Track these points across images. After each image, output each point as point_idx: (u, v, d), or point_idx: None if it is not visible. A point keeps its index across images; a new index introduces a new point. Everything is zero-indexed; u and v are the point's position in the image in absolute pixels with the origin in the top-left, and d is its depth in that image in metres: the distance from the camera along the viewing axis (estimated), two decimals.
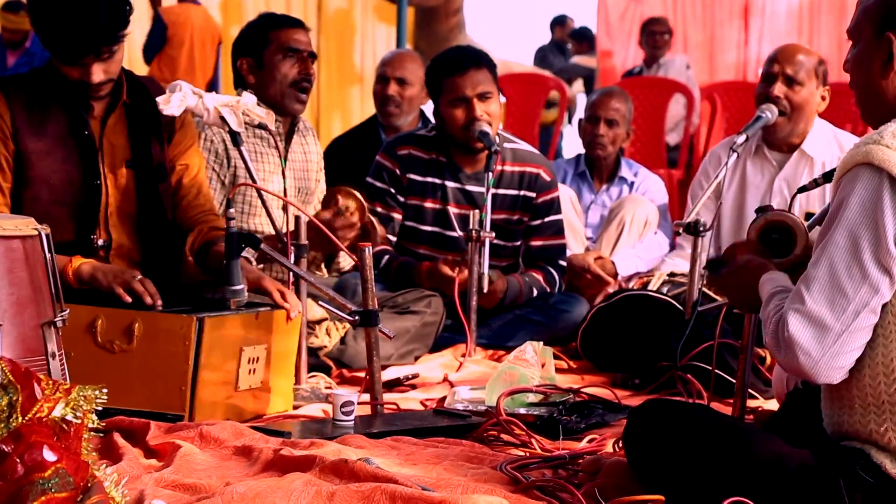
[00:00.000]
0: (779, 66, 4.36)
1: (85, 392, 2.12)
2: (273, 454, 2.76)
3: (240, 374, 3.25)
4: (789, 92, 4.37)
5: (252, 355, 3.27)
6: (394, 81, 5.31)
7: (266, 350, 3.32)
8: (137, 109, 3.53)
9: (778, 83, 4.35)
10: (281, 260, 3.40)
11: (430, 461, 2.83)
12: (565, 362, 4.27)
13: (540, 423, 3.23)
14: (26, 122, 3.38)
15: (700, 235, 3.91)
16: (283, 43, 4.18)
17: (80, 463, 1.99)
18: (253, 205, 4.14)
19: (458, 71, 4.45)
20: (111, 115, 3.49)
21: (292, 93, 4.18)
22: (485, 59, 4.53)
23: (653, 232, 5.11)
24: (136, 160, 3.52)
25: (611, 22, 10.93)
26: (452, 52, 4.65)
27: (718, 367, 3.47)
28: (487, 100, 4.45)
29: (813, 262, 2.31)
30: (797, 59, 4.37)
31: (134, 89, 3.54)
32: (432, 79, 4.57)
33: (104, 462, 2.44)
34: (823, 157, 4.46)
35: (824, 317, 2.27)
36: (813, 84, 4.39)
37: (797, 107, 4.39)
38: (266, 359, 3.33)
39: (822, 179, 3.23)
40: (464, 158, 4.57)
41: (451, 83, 4.45)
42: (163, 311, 3.21)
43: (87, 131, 3.44)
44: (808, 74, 4.37)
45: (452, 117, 4.46)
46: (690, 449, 2.45)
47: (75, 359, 2.95)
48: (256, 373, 3.30)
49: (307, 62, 4.20)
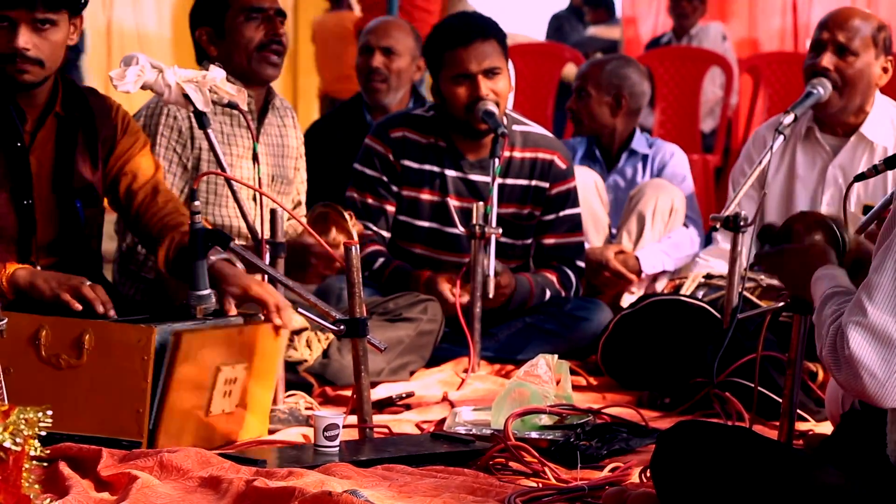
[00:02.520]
0: (829, 34, 4.36)
1: (26, 414, 2.12)
2: (245, 486, 2.75)
3: (213, 397, 3.24)
4: (841, 63, 4.36)
5: (230, 376, 3.26)
6: (379, 52, 5.32)
7: (246, 370, 3.31)
8: (70, 123, 3.53)
9: (828, 53, 4.35)
10: (254, 260, 3.40)
11: (427, 493, 2.83)
12: (584, 378, 4.28)
13: (555, 450, 3.23)
14: None
15: (741, 231, 3.91)
16: (245, 3, 4.17)
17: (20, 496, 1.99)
18: (220, 194, 4.13)
19: (462, 43, 4.44)
20: (41, 128, 3.49)
21: (261, 56, 4.16)
22: (493, 28, 4.52)
23: (681, 222, 5.12)
24: (58, 181, 3.51)
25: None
26: (456, 20, 4.66)
27: (762, 384, 3.48)
28: (495, 76, 4.44)
29: (875, 268, 2.30)
30: (851, 25, 4.36)
31: (71, 99, 3.53)
32: (432, 50, 4.56)
33: (48, 496, 2.44)
34: (886, 140, 4.45)
35: (891, 331, 2.27)
36: (871, 54, 4.38)
37: (850, 80, 4.38)
38: (245, 379, 3.32)
39: (882, 166, 3.22)
40: (466, 143, 4.57)
41: (454, 56, 4.44)
42: (118, 321, 3.21)
43: (20, 142, 3.44)
44: (865, 42, 4.37)
45: (454, 95, 4.45)
46: (730, 479, 2.45)
47: (15, 376, 2.95)
48: (232, 395, 3.29)
49: (275, 21, 4.19)
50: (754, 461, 2.47)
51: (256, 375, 3.36)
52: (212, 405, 3.25)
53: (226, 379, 3.25)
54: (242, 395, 3.33)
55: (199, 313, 3.26)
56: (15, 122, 3.44)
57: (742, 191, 4.09)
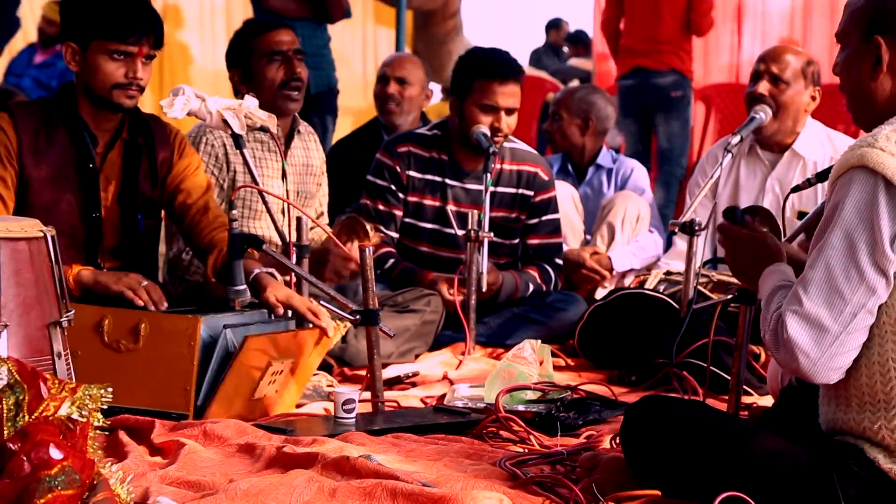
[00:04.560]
0: (765, 65, 4.37)
1: (91, 391, 2.12)
2: (276, 451, 2.75)
3: (260, 384, 3.24)
4: (775, 90, 4.37)
5: (277, 369, 3.26)
6: (394, 81, 5.31)
7: (291, 364, 3.31)
8: (135, 147, 3.53)
9: (763, 81, 4.36)
10: (283, 261, 3.40)
11: (430, 458, 2.83)
12: (563, 360, 4.27)
13: (538, 420, 3.22)
14: (31, 150, 3.37)
15: (695, 235, 3.91)
16: (265, 48, 4.17)
17: (86, 461, 1.99)
18: (254, 208, 4.13)
19: (501, 79, 4.39)
20: (111, 150, 3.49)
21: (283, 94, 4.17)
22: (522, 72, 4.50)
23: (647, 228, 5.13)
24: (124, 196, 3.51)
25: None
26: (497, 57, 4.50)
27: (713, 363, 3.47)
28: (512, 114, 4.45)
29: (810, 265, 2.30)
30: (784, 59, 4.37)
31: (136, 126, 3.53)
32: (465, 73, 4.48)
33: (110, 460, 2.45)
34: (815, 156, 4.45)
35: (822, 318, 2.27)
36: (800, 84, 4.38)
37: (783, 106, 4.38)
38: (288, 372, 3.32)
39: (815, 179, 3.22)
40: (466, 157, 4.56)
41: (488, 89, 4.40)
42: (169, 312, 3.21)
43: (92, 164, 3.44)
44: (795, 74, 4.37)
45: (477, 119, 4.42)
46: (686, 445, 2.45)
47: (82, 358, 2.95)
48: (275, 383, 3.29)
49: (293, 61, 4.17)
50: (707, 429, 2.47)
51: (298, 370, 3.36)
52: (257, 390, 3.24)
53: (273, 371, 3.25)
54: (283, 384, 3.33)
55: (237, 305, 3.25)
56: (88, 147, 3.44)
57: (696, 201, 4.09)
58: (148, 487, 2.46)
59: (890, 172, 2.22)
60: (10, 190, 3.36)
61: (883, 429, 2.30)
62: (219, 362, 3.14)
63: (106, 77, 3.38)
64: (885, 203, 2.22)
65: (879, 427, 2.30)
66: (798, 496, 2.34)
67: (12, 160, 3.36)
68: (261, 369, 3.20)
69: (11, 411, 2.04)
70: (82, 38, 3.39)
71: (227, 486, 2.45)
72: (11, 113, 3.40)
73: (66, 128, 3.42)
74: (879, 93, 2.38)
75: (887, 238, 2.23)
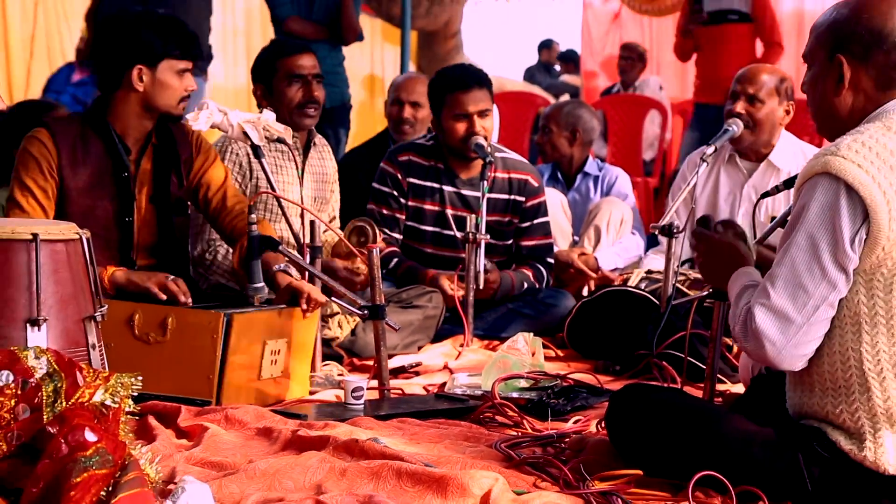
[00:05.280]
0: (741, 86, 4.36)
1: (122, 379, 2.13)
2: (291, 434, 2.76)
3: (263, 364, 3.25)
4: (751, 109, 4.36)
5: (274, 348, 3.27)
6: (409, 105, 5.30)
7: (287, 343, 3.32)
8: (163, 150, 3.54)
9: (741, 101, 4.35)
10: (298, 260, 3.41)
11: (432, 440, 2.83)
12: (553, 351, 4.27)
13: (530, 406, 3.23)
14: (69, 162, 3.38)
15: (674, 237, 3.91)
16: (288, 70, 4.18)
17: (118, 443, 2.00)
18: (273, 212, 4.13)
19: (463, 88, 4.43)
20: (143, 157, 3.50)
21: (300, 113, 4.17)
22: (485, 78, 4.53)
23: (629, 230, 5.14)
24: (157, 197, 3.52)
25: (594, 45, 10.93)
26: (458, 71, 4.61)
27: (690, 354, 3.48)
28: (485, 116, 4.46)
29: (777, 262, 2.31)
30: (759, 79, 4.36)
31: (161, 131, 3.54)
32: (436, 92, 4.53)
33: (140, 442, 2.46)
34: (789, 166, 4.45)
35: (788, 310, 2.28)
36: (775, 101, 4.38)
37: (759, 122, 4.38)
38: (287, 350, 3.33)
39: (782, 186, 3.22)
40: (459, 165, 4.57)
41: (455, 99, 4.43)
42: (193, 308, 3.22)
43: (126, 173, 3.45)
44: (770, 92, 4.36)
45: (454, 130, 4.45)
46: (666, 428, 2.46)
47: (114, 349, 2.95)
48: (277, 364, 3.30)
49: (311, 85, 4.18)
50: (684, 414, 2.48)
51: (295, 349, 3.36)
52: (262, 371, 3.25)
53: (271, 350, 3.25)
54: (285, 365, 3.34)
55: (256, 301, 3.26)
56: (122, 157, 3.44)
57: (674, 205, 4.09)
58: (175, 467, 2.46)
59: (850, 178, 2.23)
60: (51, 200, 3.37)
61: (843, 412, 2.31)
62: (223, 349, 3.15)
63: (175, 92, 3.42)
64: (846, 206, 2.24)
65: (840, 411, 2.31)
66: (767, 474, 2.35)
67: (53, 172, 3.36)
68: (257, 349, 3.21)
69: (50, 398, 2.05)
70: (152, 60, 3.40)
71: (246, 466, 2.46)
72: (49, 128, 3.40)
73: (101, 140, 3.43)
74: (842, 107, 2.39)
75: (847, 238, 2.24)
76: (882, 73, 2.34)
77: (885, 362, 2.27)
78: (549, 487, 2.48)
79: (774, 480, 2.35)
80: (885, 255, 2.24)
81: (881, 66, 2.34)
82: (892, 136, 2.28)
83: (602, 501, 2.37)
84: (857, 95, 2.37)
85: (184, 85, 3.43)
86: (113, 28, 3.46)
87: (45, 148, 3.36)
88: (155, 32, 3.39)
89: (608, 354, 4.04)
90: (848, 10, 2.37)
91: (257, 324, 3.22)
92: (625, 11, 10.65)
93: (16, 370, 2.05)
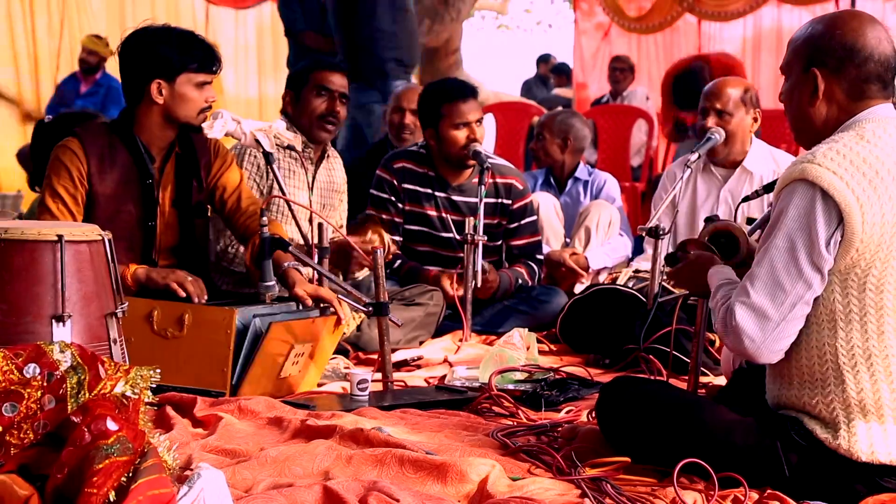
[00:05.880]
0: (709, 102, 4.34)
1: (142, 372, 2.12)
2: (300, 424, 2.75)
3: (285, 365, 3.24)
4: (721, 122, 4.34)
5: (299, 351, 3.26)
6: (409, 112, 5.30)
7: (311, 347, 3.31)
8: (185, 158, 3.53)
9: (711, 116, 4.33)
10: (307, 260, 3.40)
11: (433, 429, 2.83)
12: (546, 345, 4.27)
13: (525, 397, 3.22)
14: (98, 170, 3.37)
15: (660, 238, 3.91)
16: (319, 82, 4.17)
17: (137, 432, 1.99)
18: (284, 214, 4.13)
19: (462, 98, 4.43)
20: (167, 164, 3.49)
21: (318, 125, 4.17)
22: (475, 89, 4.57)
23: (617, 231, 5.15)
24: (179, 201, 3.51)
25: (585, 59, 10.93)
26: (453, 83, 4.60)
27: (675, 349, 3.48)
28: (480, 124, 4.47)
29: (756, 262, 2.32)
30: (725, 94, 4.33)
31: (183, 139, 3.52)
32: (432, 104, 4.50)
33: (158, 431, 2.45)
34: (761, 171, 4.45)
35: (766, 308, 2.28)
36: (742, 111, 4.35)
37: (730, 133, 4.36)
38: (308, 354, 3.32)
39: (762, 191, 3.23)
40: (450, 172, 4.56)
41: (456, 109, 4.42)
42: (209, 304, 3.21)
43: (150, 180, 3.44)
44: (736, 104, 4.34)
45: (455, 138, 4.44)
46: (652, 418, 2.45)
47: (134, 344, 2.94)
48: (297, 364, 3.29)
49: (335, 101, 4.18)
50: (670, 404, 2.47)
51: (317, 353, 3.36)
52: (282, 370, 3.24)
53: (296, 353, 3.24)
54: (304, 365, 3.33)
55: (268, 299, 3.25)
56: (147, 165, 3.43)
57: (659, 210, 4.08)
58: (191, 455, 2.46)
59: (826, 184, 2.23)
60: (80, 206, 3.35)
61: (819, 403, 2.30)
62: (249, 346, 3.14)
63: (195, 104, 3.40)
64: (822, 210, 2.23)
65: (816, 402, 2.31)
66: (747, 461, 2.35)
67: (83, 180, 3.35)
68: (285, 351, 3.20)
69: (74, 389, 2.04)
70: (170, 74, 3.38)
71: (258, 454, 2.45)
72: (80, 137, 3.39)
73: (127, 149, 3.42)
74: (817, 117, 2.38)
75: (823, 240, 2.24)
76: (854, 86, 2.34)
77: (859, 356, 2.27)
78: (543, 474, 2.48)
79: (754, 467, 2.34)
80: (859, 257, 2.24)
81: (853, 78, 2.33)
82: (864, 145, 2.27)
83: (592, 487, 2.36)
84: (830, 106, 2.36)
85: (203, 97, 3.41)
86: (133, 44, 3.43)
87: (76, 156, 3.35)
88: (172, 48, 3.37)
89: (598, 349, 4.04)
90: (822, 26, 2.37)
91: (292, 330, 3.20)
92: (614, 29, 10.65)
93: (42, 363, 2.04)
